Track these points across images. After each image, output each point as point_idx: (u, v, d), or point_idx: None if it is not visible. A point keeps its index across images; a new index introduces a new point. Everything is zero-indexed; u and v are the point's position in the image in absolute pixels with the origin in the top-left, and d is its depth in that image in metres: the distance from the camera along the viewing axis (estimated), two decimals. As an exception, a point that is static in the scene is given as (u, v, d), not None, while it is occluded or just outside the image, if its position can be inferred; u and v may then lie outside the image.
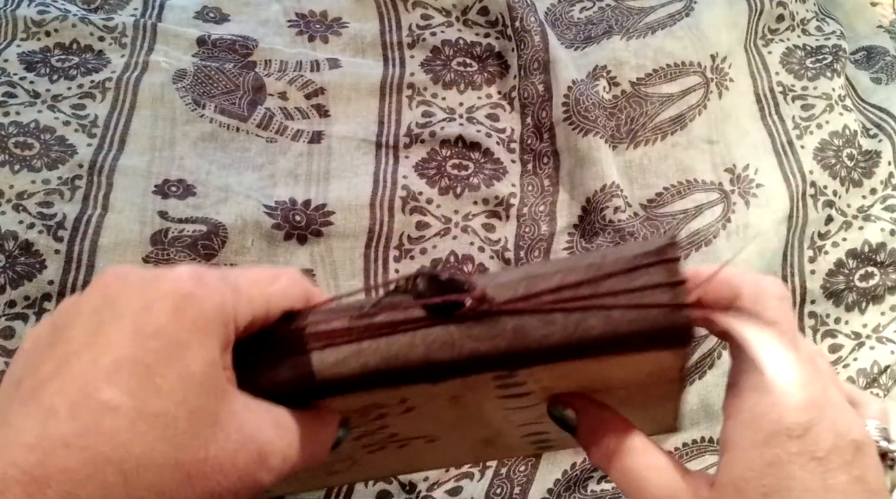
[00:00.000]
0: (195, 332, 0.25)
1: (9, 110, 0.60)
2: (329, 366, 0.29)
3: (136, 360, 0.24)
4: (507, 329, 0.28)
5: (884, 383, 0.59)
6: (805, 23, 0.75)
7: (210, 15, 0.70)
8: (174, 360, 0.24)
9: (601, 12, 0.74)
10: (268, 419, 0.27)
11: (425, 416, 0.33)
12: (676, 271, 0.27)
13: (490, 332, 0.28)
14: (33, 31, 0.65)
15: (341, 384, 0.29)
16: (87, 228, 0.56)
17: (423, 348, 0.28)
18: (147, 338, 0.24)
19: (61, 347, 0.25)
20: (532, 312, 0.28)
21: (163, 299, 0.25)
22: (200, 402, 0.25)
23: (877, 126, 0.69)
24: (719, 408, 0.57)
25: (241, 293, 0.27)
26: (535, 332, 0.27)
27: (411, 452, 0.39)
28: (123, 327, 0.24)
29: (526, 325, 0.28)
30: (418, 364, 0.28)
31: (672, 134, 0.66)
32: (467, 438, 0.38)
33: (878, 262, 0.62)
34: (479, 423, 0.35)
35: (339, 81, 0.67)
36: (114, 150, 0.60)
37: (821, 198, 0.64)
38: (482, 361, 0.28)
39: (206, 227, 0.58)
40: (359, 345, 0.29)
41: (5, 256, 0.54)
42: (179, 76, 0.64)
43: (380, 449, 0.37)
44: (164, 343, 0.24)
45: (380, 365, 0.28)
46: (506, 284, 0.28)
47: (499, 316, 0.28)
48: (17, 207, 0.56)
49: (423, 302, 0.28)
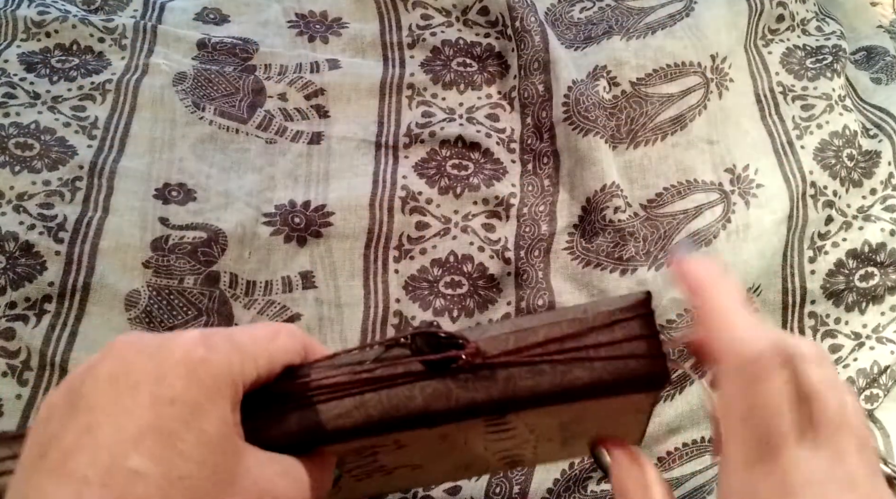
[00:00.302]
0: (209, 395, 0.26)
1: (9, 111, 0.61)
2: (333, 417, 0.31)
3: (158, 427, 0.25)
4: (499, 380, 0.30)
5: (884, 383, 0.59)
6: (805, 23, 0.75)
7: (210, 16, 0.71)
8: (192, 424, 0.26)
9: (601, 12, 0.74)
10: (278, 471, 0.29)
11: (414, 451, 0.36)
12: (651, 324, 0.30)
13: (484, 383, 0.30)
14: (33, 31, 0.65)
15: (345, 433, 0.31)
16: (87, 230, 0.56)
17: (422, 399, 0.31)
18: (165, 405, 0.26)
19: (83, 417, 0.26)
20: (522, 365, 0.30)
21: (176, 367, 0.26)
22: (218, 461, 0.26)
23: (877, 126, 0.69)
24: (719, 408, 0.57)
25: (246, 353, 0.29)
26: (525, 382, 0.30)
27: (397, 477, 0.41)
28: (142, 396, 0.26)
29: (516, 375, 0.30)
30: (417, 414, 0.31)
31: (672, 134, 0.66)
32: (448, 464, 0.40)
33: (878, 262, 0.62)
34: (462, 452, 0.37)
35: (339, 82, 0.67)
36: (114, 152, 0.60)
37: (821, 198, 0.64)
38: (476, 409, 0.31)
39: (207, 234, 0.58)
40: (361, 397, 0.31)
41: (6, 257, 0.54)
42: (179, 79, 0.65)
43: (367, 477, 0.39)
44: (182, 409, 0.26)
45: (381, 415, 0.31)
46: (496, 337, 0.31)
47: (491, 368, 0.30)
48: (18, 208, 0.56)
49: (422, 358, 0.31)
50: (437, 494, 0.54)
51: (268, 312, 0.57)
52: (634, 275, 0.60)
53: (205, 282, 0.56)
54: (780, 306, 0.62)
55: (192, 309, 0.56)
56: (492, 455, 0.38)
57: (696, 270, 0.32)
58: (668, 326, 0.58)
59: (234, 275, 0.58)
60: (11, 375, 0.52)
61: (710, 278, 0.32)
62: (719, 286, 0.32)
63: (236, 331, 0.31)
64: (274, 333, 0.32)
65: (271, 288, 0.58)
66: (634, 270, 0.60)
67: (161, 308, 0.55)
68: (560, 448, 0.39)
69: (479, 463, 0.40)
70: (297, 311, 0.58)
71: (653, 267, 0.60)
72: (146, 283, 0.56)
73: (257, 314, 0.57)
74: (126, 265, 0.56)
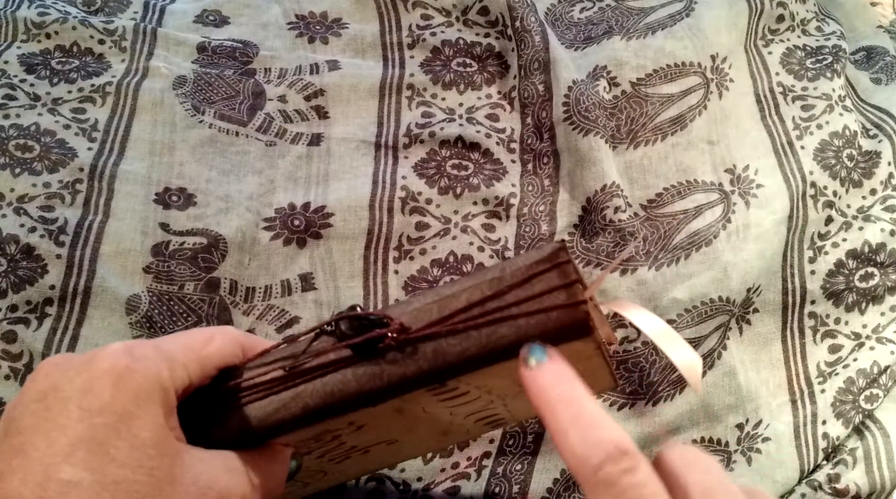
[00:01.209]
0: (137, 402, 0.27)
1: (9, 113, 0.61)
2: (272, 412, 0.32)
3: (89, 437, 0.26)
4: (427, 352, 0.31)
5: (884, 383, 0.59)
6: (805, 23, 0.75)
7: (210, 18, 0.70)
8: (123, 431, 0.26)
9: (601, 13, 0.74)
10: (221, 467, 0.30)
11: (376, 428, 0.36)
12: (569, 273, 0.30)
13: (412, 357, 0.31)
14: (34, 32, 0.65)
15: (286, 425, 0.32)
16: (88, 234, 0.56)
17: (356, 382, 0.31)
18: (94, 416, 0.27)
19: (15, 439, 0.26)
20: (448, 335, 0.31)
21: (102, 377, 0.27)
22: (154, 463, 0.27)
23: (877, 127, 0.69)
24: (719, 408, 0.58)
25: (174, 360, 0.30)
26: (453, 349, 0.30)
27: (377, 454, 0.41)
28: (71, 410, 0.27)
29: (443, 345, 0.31)
30: (354, 396, 0.31)
31: (672, 134, 0.66)
32: (423, 434, 0.40)
33: (877, 262, 0.62)
34: (429, 422, 0.37)
35: (339, 83, 0.67)
36: (114, 154, 0.60)
37: (821, 198, 0.64)
38: (410, 383, 0.31)
39: (207, 239, 0.58)
40: (296, 390, 0.32)
41: (7, 259, 0.54)
42: (179, 83, 0.65)
43: (346, 458, 0.40)
44: (111, 418, 0.27)
45: (318, 404, 0.32)
46: (420, 309, 0.32)
47: (419, 342, 0.31)
48: (19, 211, 0.56)
49: (347, 343, 0.31)
50: (436, 493, 0.55)
51: (266, 316, 0.57)
52: (634, 275, 0.60)
53: (205, 288, 0.57)
54: (781, 307, 0.62)
55: (192, 316, 0.56)
56: (464, 419, 0.38)
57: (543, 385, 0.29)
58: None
59: (234, 281, 0.58)
60: (14, 377, 0.52)
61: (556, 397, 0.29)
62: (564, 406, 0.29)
63: (165, 339, 0.32)
64: (207, 338, 0.33)
65: (270, 293, 0.58)
66: (634, 269, 0.60)
67: (162, 314, 0.55)
68: None
69: (456, 429, 0.40)
70: (295, 314, 0.58)
71: (653, 267, 0.60)
72: (146, 288, 0.56)
73: (256, 319, 0.57)
74: (127, 270, 0.56)
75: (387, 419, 0.35)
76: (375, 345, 0.31)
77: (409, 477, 0.54)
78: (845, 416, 0.58)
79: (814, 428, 0.58)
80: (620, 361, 0.58)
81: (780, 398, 0.60)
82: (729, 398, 0.58)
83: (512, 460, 0.56)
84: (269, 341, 0.36)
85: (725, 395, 0.58)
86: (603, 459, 0.26)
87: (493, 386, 0.34)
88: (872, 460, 0.56)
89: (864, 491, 0.55)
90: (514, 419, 0.42)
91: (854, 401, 0.58)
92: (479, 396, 0.35)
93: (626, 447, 0.26)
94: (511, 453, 0.56)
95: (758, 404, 0.59)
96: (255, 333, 0.57)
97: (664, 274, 0.60)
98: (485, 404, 0.36)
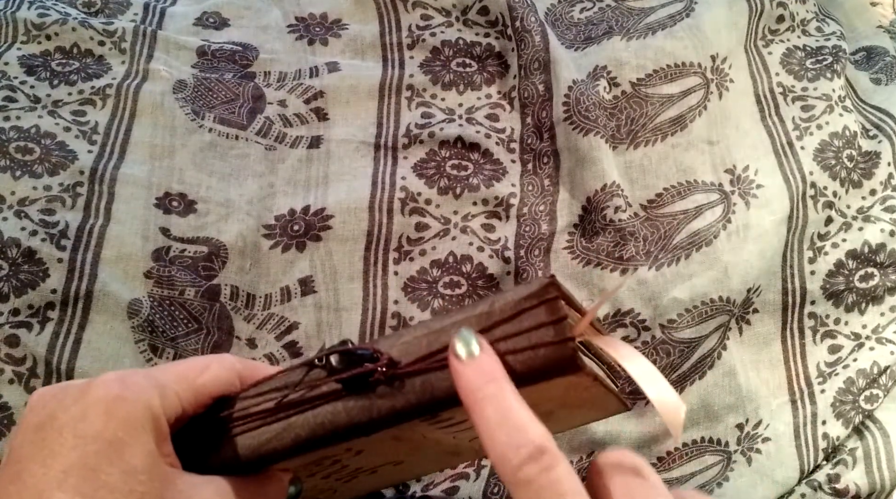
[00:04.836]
0: (128, 430, 0.28)
1: (9, 115, 0.61)
2: (264, 443, 0.33)
3: (81, 464, 0.27)
4: (416, 386, 0.31)
5: (884, 383, 0.59)
6: (805, 23, 0.75)
7: (210, 20, 0.70)
8: (114, 458, 0.27)
9: (601, 13, 0.74)
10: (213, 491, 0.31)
11: (377, 453, 0.36)
12: (557, 309, 0.30)
13: (401, 391, 0.31)
14: (34, 34, 0.65)
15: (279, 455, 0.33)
16: (89, 238, 0.56)
17: (346, 415, 0.32)
18: (87, 443, 0.28)
19: (13, 467, 0.28)
20: (437, 369, 0.31)
21: (95, 406, 0.28)
22: (145, 488, 0.28)
23: (876, 127, 0.69)
24: (719, 408, 0.58)
25: (167, 388, 0.31)
26: (441, 384, 0.31)
27: (386, 473, 0.42)
28: (65, 437, 0.28)
29: (432, 379, 0.31)
30: (344, 428, 0.32)
31: (672, 135, 0.66)
32: (430, 455, 0.40)
33: (877, 262, 0.62)
34: (432, 445, 0.37)
35: (338, 84, 0.67)
36: (114, 158, 0.60)
37: (821, 199, 0.64)
38: (400, 415, 0.31)
39: (208, 248, 0.58)
40: (287, 421, 0.32)
41: (8, 263, 0.54)
42: (179, 87, 0.64)
43: (353, 478, 0.40)
44: (103, 445, 0.28)
45: (310, 435, 0.32)
46: (409, 342, 0.32)
47: (408, 377, 0.31)
48: (20, 214, 0.56)
49: (336, 378, 0.32)
50: (435, 493, 0.55)
51: (267, 325, 0.58)
52: (635, 275, 0.60)
53: (205, 295, 0.57)
54: (780, 307, 0.62)
55: (193, 322, 0.56)
56: (470, 443, 0.38)
57: (472, 385, 0.29)
58: (668, 325, 0.58)
59: (235, 287, 0.58)
60: (18, 382, 0.52)
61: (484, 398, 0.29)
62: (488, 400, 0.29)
63: (159, 368, 0.33)
64: (202, 367, 0.34)
65: (270, 301, 0.58)
66: (635, 269, 0.60)
67: (163, 318, 0.55)
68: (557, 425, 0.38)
69: (466, 450, 0.40)
70: (295, 319, 0.58)
71: (653, 267, 0.60)
72: (148, 293, 0.56)
73: (256, 329, 0.57)
74: (128, 274, 0.56)
75: (385, 445, 0.35)
76: (365, 379, 0.31)
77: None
78: (845, 416, 0.58)
79: (814, 428, 0.58)
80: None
81: (780, 398, 0.60)
82: (729, 398, 0.58)
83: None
84: (267, 367, 0.37)
85: (725, 395, 0.58)
86: (524, 459, 0.27)
87: None
88: (872, 461, 0.56)
89: (863, 491, 0.55)
90: None
91: (854, 401, 0.58)
92: None
93: (545, 446, 0.27)
94: (511, 453, 0.56)
95: (758, 404, 0.59)
96: (256, 341, 0.57)
97: (664, 274, 0.60)
98: None
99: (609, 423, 0.57)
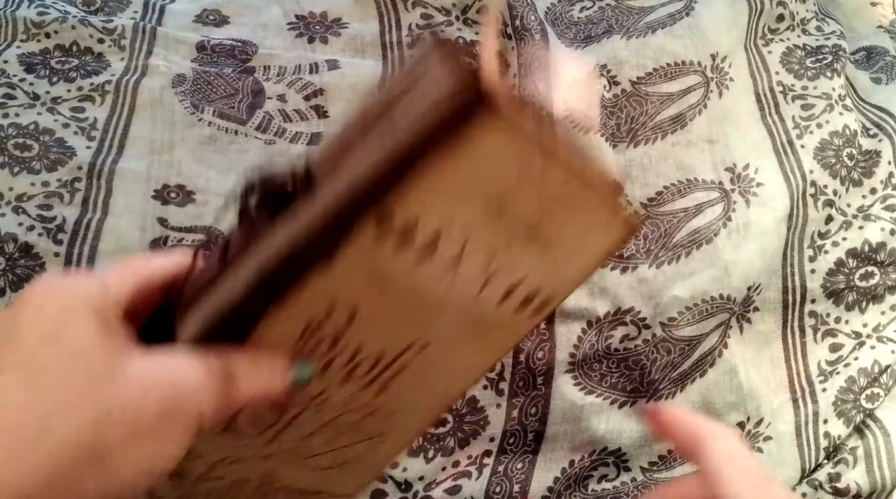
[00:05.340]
0: (67, 318, 0.28)
1: (8, 112, 0.60)
2: (225, 300, 0.30)
3: (16, 357, 0.27)
4: (340, 183, 0.28)
5: (884, 382, 0.59)
6: (805, 23, 0.75)
7: (210, 17, 0.70)
8: (51, 345, 0.27)
9: (601, 12, 0.74)
10: (177, 364, 0.29)
11: (375, 317, 0.33)
12: (450, 50, 0.27)
13: (328, 193, 0.28)
14: (33, 32, 0.65)
15: (239, 311, 0.30)
16: (87, 232, 0.56)
17: (285, 238, 0.29)
18: (24, 341, 0.27)
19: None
20: (353, 164, 0.28)
21: (27, 304, 0.28)
22: (90, 366, 0.27)
23: (877, 126, 0.69)
24: (720, 406, 0.58)
25: (109, 277, 0.31)
26: (362, 170, 0.28)
27: (421, 374, 0.38)
28: (9, 339, 0.27)
29: (352, 171, 0.28)
30: (293, 251, 0.29)
31: (672, 133, 0.66)
32: (452, 329, 0.36)
33: (878, 261, 0.62)
34: (437, 308, 0.34)
35: (338, 82, 0.67)
36: (113, 153, 0.60)
37: (821, 197, 0.64)
38: (341, 218, 0.28)
39: (206, 236, 0.58)
40: (235, 274, 0.30)
41: (5, 258, 0.54)
42: (179, 81, 0.64)
43: (383, 390, 0.37)
44: (39, 335, 0.27)
45: (257, 276, 0.29)
46: (324, 154, 0.30)
47: (328, 182, 0.29)
48: (17, 210, 0.56)
49: (258, 214, 0.30)
50: (436, 494, 0.54)
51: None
52: (635, 272, 0.60)
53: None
54: (781, 305, 0.62)
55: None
56: (491, 300, 0.34)
57: (686, 423, 0.30)
58: (668, 323, 0.58)
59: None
60: (13, 376, 0.52)
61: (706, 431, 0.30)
62: (718, 439, 0.30)
63: (108, 267, 0.33)
64: (149, 257, 0.33)
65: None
66: (635, 267, 0.60)
67: (161, 310, 0.55)
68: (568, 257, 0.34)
69: (490, 320, 0.36)
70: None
71: (654, 265, 0.60)
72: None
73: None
74: (126, 267, 0.56)
75: (373, 299, 0.32)
76: (285, 200, 0.29)
77: (411, 476, 0.54)
78: (846, 415, 0.58)
79: (815, 427, 0.58)
80: (621, 359, 0.58)
81: (782, 397, 0.59)
82: (730, 396, 0.58)
83: (513, 459, 0.56)
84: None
85: (727, 393, 0.58)
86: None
87: (459, 218, 0.31)
88: (873, 460, 0.56)
89: (864, 490, 0.55)
90: (560, 290, 0.37)
91: (855, 400, 0.58)
92: (463, 246, 0.32)
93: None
94: (512, 451, 0.56)
95: (759, 403, 0.58)
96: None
97: (665, 272, 0.60)
98: (484, 262, 0.33)
99: (610, 422, 0.57)
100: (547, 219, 0.33)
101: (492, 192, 0.30)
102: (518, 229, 0.32)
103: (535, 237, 0.33)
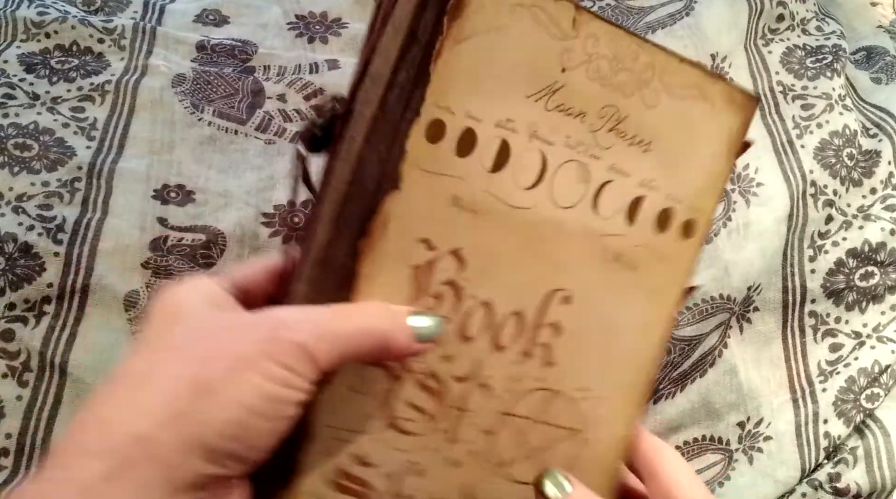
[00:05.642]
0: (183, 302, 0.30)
1: (8, 112, 0.60)
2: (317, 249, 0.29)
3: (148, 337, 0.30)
4: (371, 97, 0.29)
5: (884, 382, 0.59)
6: (805, 23, 0.75)
7: (210, 17, 0.70)
8: (172, 322, 0.29)
9: (601, 12, 0.74)
10: (282, 308, 0.29)
11: (487, 258, 0.30)
12: None
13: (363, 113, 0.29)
14: (33, 32, 0.65)
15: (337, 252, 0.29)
16: (86, 231, 0.56)
17: (344, 171, 0.29)
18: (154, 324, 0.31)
19: None
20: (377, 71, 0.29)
21: (153, 307, 0.31)
22: (199, 324, 0.29)
23: (877, 126, 0.69)
24: (720, 406, 0.58)
25: (215, 277, 0.33)
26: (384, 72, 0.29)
27: (586, 336, 0.33)
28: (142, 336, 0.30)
29: (380, 81, 0.29)
30: (354, 179, 0.28)
31: (672, 133, 0.66)
32: (589, 271, 0.32)
33: (878, 261, 0.62)
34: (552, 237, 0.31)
35: (338, 82, 0.67)
36: (113, 152, 0.60)
37: (821, 197, 0.64)
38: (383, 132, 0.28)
39: (206, 235, 0.57)
40: (318, 221, 0.30)
41: (5, 258, 0.54)
42: (178, 81, 0.64)
43: (549, 361, 0.33)
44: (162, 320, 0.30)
45: (335, 210, 0.29)
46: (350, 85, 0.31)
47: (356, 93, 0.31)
48: (17, 210, 0.56)
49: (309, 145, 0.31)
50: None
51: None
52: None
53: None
54: (781, 305, 0.62)
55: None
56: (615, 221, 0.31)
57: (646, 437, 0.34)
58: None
59: (234, 276, 0.58)
60: (11, 376, 0.52)
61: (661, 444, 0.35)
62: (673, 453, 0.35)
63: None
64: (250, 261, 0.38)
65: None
66: (635, 268, 0.60)
67: (161, 309, 0.55)
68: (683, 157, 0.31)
69: (627, 247, 0.32)
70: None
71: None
72: (145, 284, 0.55)
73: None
74: (125, 266, 0.55)
75: (472, 237, 0.29)
76: (332, 128, 0.31)
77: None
78: (846, 415, 0.58)
79: (815, 427, 0.58)
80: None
81: (782, 397, 0.59)
82: (730, 396, 0.58)
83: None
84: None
85: (727, 393, 0.58)
86: None
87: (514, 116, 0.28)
88: (873, 460, 0.56)
89: (864, 490, 0.55)
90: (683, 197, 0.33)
91: (855, 400, 0.58)
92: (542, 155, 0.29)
93: None
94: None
95: (759, 403, 0.58)
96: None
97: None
98: (576, 171, 0.30)
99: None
100: (637, 111, 0.30)
101: (538, 78, 0.28)
102: (600, 124, 0.30)
103: (630, 134, 0.30)
